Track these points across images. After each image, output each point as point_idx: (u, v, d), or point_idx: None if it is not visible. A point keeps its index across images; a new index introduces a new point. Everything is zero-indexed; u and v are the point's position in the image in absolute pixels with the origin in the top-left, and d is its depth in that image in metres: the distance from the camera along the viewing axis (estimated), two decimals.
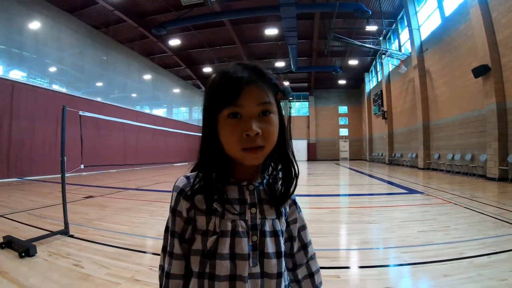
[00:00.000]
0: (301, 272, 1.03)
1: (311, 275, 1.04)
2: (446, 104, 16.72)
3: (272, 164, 0.96)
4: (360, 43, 22.19)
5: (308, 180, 14.56)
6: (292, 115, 0.99)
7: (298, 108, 40.50)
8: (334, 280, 3.05)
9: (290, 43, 20.75)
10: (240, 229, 0.85)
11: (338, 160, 37.91)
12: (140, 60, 26.21)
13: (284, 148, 0.93)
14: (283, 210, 0.95)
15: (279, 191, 0.94)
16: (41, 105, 14.82)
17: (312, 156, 38.72)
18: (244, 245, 0.84)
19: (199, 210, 0.87)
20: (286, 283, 0.92)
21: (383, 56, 22.05)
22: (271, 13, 18.28)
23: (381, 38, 23.31)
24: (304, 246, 1.05)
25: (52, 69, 18.09)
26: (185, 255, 0.90)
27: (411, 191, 9.58)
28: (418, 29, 19.70)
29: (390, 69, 26.24)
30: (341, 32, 21.46)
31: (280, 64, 28.90)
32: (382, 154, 29.20)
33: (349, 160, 37.59)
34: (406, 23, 20.75)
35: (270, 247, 0.87)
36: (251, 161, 0.83)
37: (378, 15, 20.38)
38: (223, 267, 0.82)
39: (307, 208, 7.13)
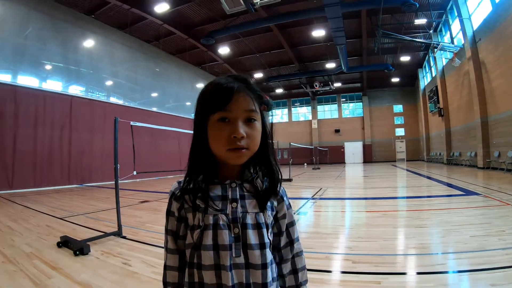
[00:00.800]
0: (286, 267, 1.08)
1: (295, 271, 1.10)
2: (504, 97, 15.62)
3: (256, 165, 1.05)
4: (410, 38, 21.35)
5: (362, 183, 14.24)
6: (273, 122, 1.11)
7: (352, 109, 39.60)
8: (374, 286, 2.98)
9: (339, 44, 20.41)
10: (221, 222, 0.93)
11: (395, 161, 36.43)
12: (192, 69, 26.98)
13: (266, 152, 1.03)
14: (270, 205, 1.03)
15: (261, 187, 1.02)
16: (98, 117, 15.69)
17: (368, 158, 37.58)
18: (225, 236, 0.91)
19: (187, 208, 0.99)
20: (275, 275, 0.99)
21: (435, 50, 20.97)
22: (317, 15, 18.06)
23: (431, 31, 22.30)
24: (291, 242, 1.10)
25: (108, 82, 19.11)
26: (180, 250, 1.03)
27: (468, 193, 9.04)
28: (469, 19, 18.57)
29: (444, 63, 24.96)
30: (389, 28, 20.83)
31: (330, 65, 28.44)
32: (440, 154, 27.76)
33: (406, 161, 35.97)
34: (456, 13, 19.61)
35: (252, 238, 0.94)
36: (235, 160, 0.94)
37: (426, 7, 19.56)
38: (207, 257, 0.91)
39: (358, 212, 7.03)
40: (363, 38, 24.10)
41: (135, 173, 6.13)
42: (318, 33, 22.24)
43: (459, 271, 3.23)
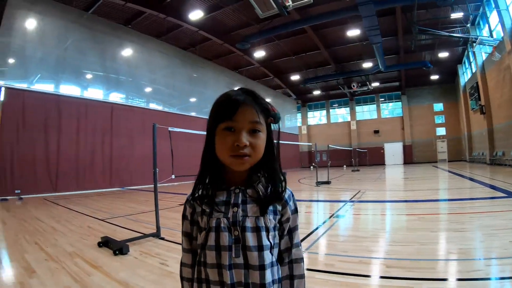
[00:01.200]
0: (283, 271, 1.12)
1: (291, 277, 1.13)
2: None
3: (261, 172, 1.11)
4: (447, 34, 20.59)
5: (401, 185, 13.87)
6: (280, 132, 1.17)
7: (391, 109, 38.62)
8: None
9: (375, 42, 20.08)
10: (222, 225, 1.01)
11: (436, 162, 34.90)
12: (229, 74, 27.33)
13: (271, 161, 1.10)
14: (273, 209, 1.08)
15: (263, 193, 1.07)
16: (138, 123, 16.17)
17: (409, 159, 36.34)
18: (226, 238, 0.99)
19: (198, 213, 1.09)
20: (276, 277, 1.05)
21: (474, 44, 20.03)
22: (350, 14, 17.80)
23: (469, 25, 21.42)
24: (289, 247, 1.14)
25: (148, 89, 19.71)
26: (194, 250, 1.13)
27: (511, 195, 8.61)
28: (507, 10, 17.52)
29: (484, 58, 23.53)
30: (425, 24, 20.07)
31: (367, 64, 27.98)
32: (482, 154, 26.27)
33: (448, 161, 34.41)
34: (493, 5, 18.58)
35: (251, 241, 1.00)
36: (237, 166, 1.01)
37: (462, 0, 18.76)
38: (209, 256, 1.00)
39: (396, 215, 6.90)
40: (399, 35, 23.44)
41: (173, 176, 6.28)
42: (353, 32, 21.86)
43: (501, 278, 3.05)
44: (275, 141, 1.13)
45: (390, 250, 4.19)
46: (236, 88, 1.08)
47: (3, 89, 12.69)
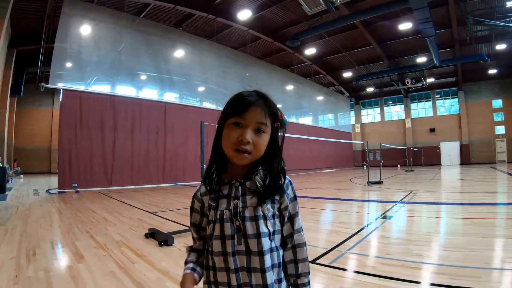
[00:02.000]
0: (287, 256, 1.17)
1: (295, 261, 1.17)
2: None
3: (260, 168, 1.18)
4: (503, 24, 19.21)
5: (455, 187, 13.18)
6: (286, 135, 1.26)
7: (448, 107, 36.59)
8: None
9: (428, 36, 19.28)
10: (225, 216, 1.10)
11: (495, 163, 32.41)
12: (280, 72, 27.34)
13: (271, 160, 1.17)
14: (270, 198, 1.15)
15: (260, 184, 1.14)
16: (191, 121, 16.59)
17: (466, 159, 34.01)
18: (228, 228, 1.09)
19: (207, 207, 1.18)
20: (276, 262, 1.12)
21: None
22: (401, 7, 17.16)
23: None
24: (291, 233, 1.18)
25: (200, 89, 20.27)
26: (203, 238, 1.24)
27: None
28: None
29: None
30: (480, 14, 19.03)
31: (422, 59, 26.86)
32: None
33: (507, 162, 31.78)
34: None
35: (249, 229, 1.08)
36: (238, 160, 1.09)
37: None
38: (216, 245, 1.10)
39: (446, 218, 6.59)
40: (453, 27, 22.16)
41: None
42: (405, 26, 21.08)
43: None
44: (280, 144, 1.21)
45: (436, 255, 4.02)
46: (251, 90, 1.18)
47: (61, 91, 13.56)
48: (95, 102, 14.01)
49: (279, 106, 1.20)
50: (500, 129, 33.14)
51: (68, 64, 13.90)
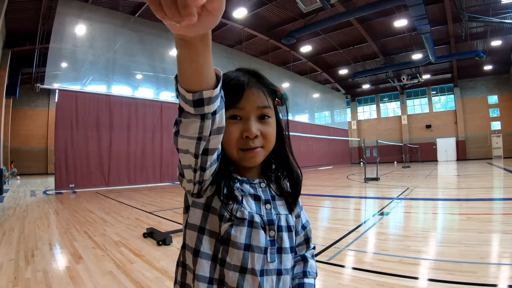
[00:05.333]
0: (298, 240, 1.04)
1: (307, 240, 1.08)
2: None
3: (274, 165, 1.01)
4: (498, 20, 19.34)
5: (451, 182, 13.25)
6: (289, 118, 1.03)
7: (444, 103, 36.69)
8: None
9: (423, 32, 19.29)
10: (257, 220, 0.84)
11: (491, 158, 32.49)
12: (276, 70, 27.29)
13: (284, 150, 0.98)
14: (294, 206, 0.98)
15: (287, 189, 0.98)
16: None
17: (462, 155, 34.25)
18: (262, 238, 0.84)
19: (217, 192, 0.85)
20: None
21: None
22: (396, 4, 17.21)
23: None
24: (307, 240, 1.07)
25: None
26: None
27: None
28: None
29: None
30: (475, 10, 19.12)
31: (417, 56, 26.89)
32: None
33: (503, 158, 31.93)
34: None
35: (287, 242, 0.89)
36: (249, 162, 0.88)
37: None
38: (235, 256, 0.81)
39: (442, 214, 6.61)
40: (448, 24, 22.18)
41: None
42: (401, 23, 21.20)
43: None
44: (284, 126, 1.00)
45: (432, 251, 4.06)
46: (234, 70, 0.94)
47: (57, 91, 13.54)
48: (91, 102, 14.01)
49: None
50: (496, 125, 33.39)
51: (64, 64, 13.87)
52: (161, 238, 4.69)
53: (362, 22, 22.17)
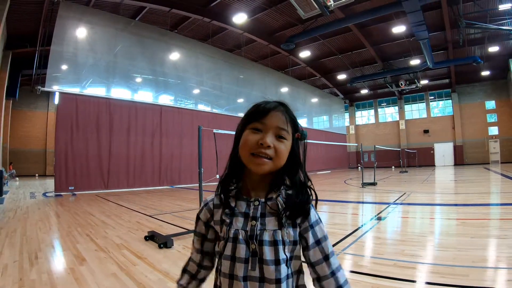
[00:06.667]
0: (330, 285, 1.05)
1: (340, 287, 1.05)
2: None
3: (284, 183, 1.10)
4: (496, 27, 19.44)
5: (448, 188, 13.32)
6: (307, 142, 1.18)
7: (442, 108, 36.80)
8: None
9: (421, 38, 19.40)
10: (240, 237, 1.01)
11: (488, 163, 32.56)
12: (275, 74, 27.46)
13: (294, 173, 1.09)
14: (291, 222, 1.05)
15: (282, 206, 1.04)
16: (187, 123, 16.73)
17: (459, 160, 34.27)
18: (242, 250, 1.00)
19: (216, 221, 1.09)
20: None
21: None
22: (395, 10, 17.27)
23: None
24: (326, 257, 1.06)
25: (195, 91, 20.33)
26: (204, 251, 1.18)
27: None
28: None
29: None
30: (473, 17, 19.23)
31: (415, 62, 26.97)
32: None
33: (501, 163, 32.04)
34: None
35: (268, 254, 0.98)
36: (256, 166, 1.01)
37: None
38: (224, 265, 1.01)
39: (437, 219, 6.69)
40: (446, 30, 22.32)
41: (217, 176, 6.52)
42: (399, 29, 21.35)
43: None
44: (302, 157, 1.12)
45: (427, 255, 4.14)
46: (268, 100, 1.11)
47: (57, 93, 13.62)
48: (91, 105, 14.10)
49: None
50: (494, 130, 33.48)
51: (64, 67, 13.94)
52: (162, 241, 4.78)
53: (361, 28, 22.28)
